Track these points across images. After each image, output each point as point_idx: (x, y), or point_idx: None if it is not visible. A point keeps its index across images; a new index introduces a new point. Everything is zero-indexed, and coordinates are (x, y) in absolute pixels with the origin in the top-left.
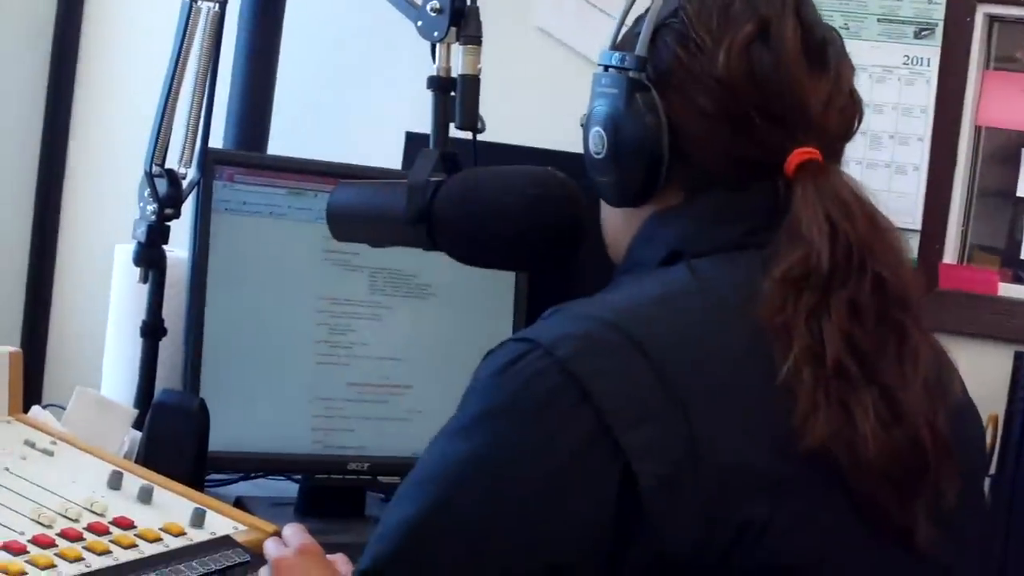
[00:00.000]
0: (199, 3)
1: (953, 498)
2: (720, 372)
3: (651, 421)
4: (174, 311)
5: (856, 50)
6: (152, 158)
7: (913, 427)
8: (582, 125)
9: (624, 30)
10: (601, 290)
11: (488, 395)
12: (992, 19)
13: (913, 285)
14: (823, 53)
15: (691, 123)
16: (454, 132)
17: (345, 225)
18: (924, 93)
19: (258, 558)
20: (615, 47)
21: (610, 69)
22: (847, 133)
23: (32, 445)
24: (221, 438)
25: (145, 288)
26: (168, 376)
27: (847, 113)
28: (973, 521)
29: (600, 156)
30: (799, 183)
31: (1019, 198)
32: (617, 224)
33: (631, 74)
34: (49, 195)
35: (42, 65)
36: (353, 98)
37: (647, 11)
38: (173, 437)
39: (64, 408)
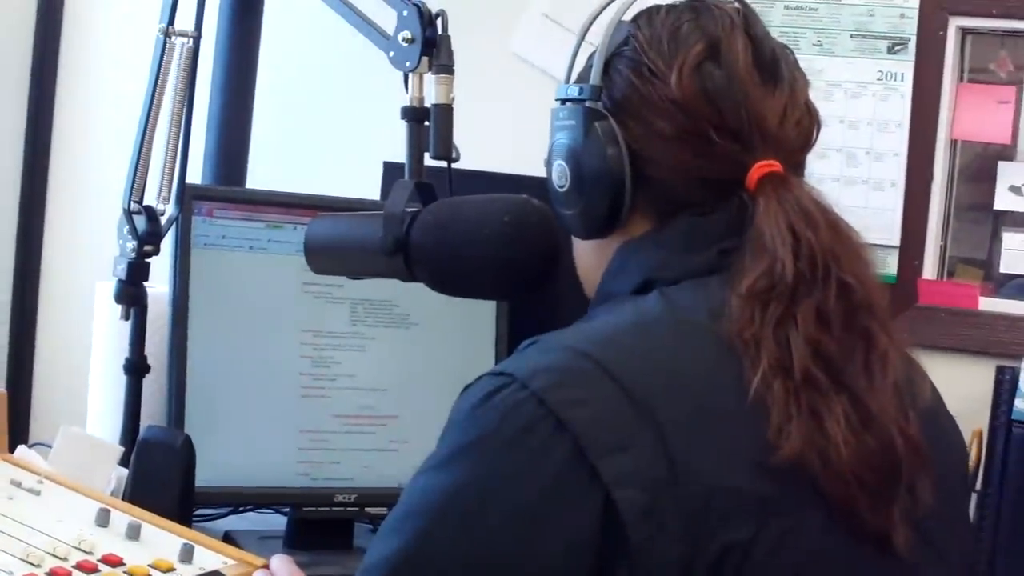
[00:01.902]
0: (173, 38)
1: (930, 501)
2: (694, 395)
3: (628, 448)
4: (157, 347)
5: (830, 66)
6: (130, 195)
7: (884, 432)
8: (545, 162)
9: (578, 66)
10: (578, 320)
11: (466, 429)
12: (964, 32)
13: (879, 291)
14: (775, 67)
15: (651, 148)
16: (430, 161)
17: (322, 258)
18: (899, 108)
19: None
20: (570, 81)
21: (567, 102)
22: (805, 145)
23: (19, 485)
24: (208, 473)
25: (127, 325)
26: (153, 412)
27: (803, 125)
28: (954, 525)
29: (564, 189)
30: (761, 196)
31: (997, 211)
32: (589, 258)
33: (587, 104)
34: (30, 235)
35: (20, 104)
36: (330, 129)
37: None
38: (160, 473)
39: (50, 447)
